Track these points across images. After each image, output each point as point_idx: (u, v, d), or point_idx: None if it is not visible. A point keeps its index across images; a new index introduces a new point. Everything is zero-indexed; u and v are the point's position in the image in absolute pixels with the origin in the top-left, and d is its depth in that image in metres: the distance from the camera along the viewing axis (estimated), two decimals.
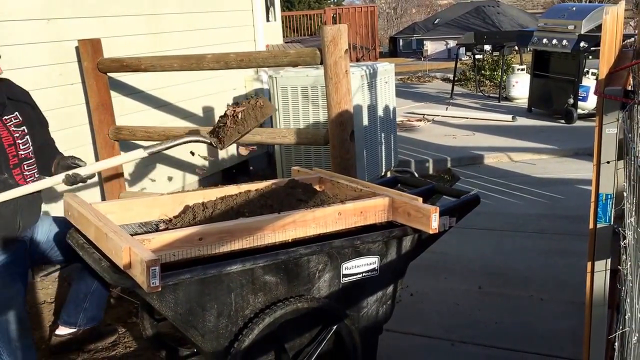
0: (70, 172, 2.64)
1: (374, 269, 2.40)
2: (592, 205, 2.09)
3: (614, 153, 2.04)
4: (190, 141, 2.62)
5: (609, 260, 2.12)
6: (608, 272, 2.13)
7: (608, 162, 2.03)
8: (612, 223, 2.13)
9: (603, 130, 2.02)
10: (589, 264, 2.14)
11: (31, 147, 2.74)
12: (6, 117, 2.65)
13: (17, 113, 2.71)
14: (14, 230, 2.64)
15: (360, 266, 2.37)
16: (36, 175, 2.75)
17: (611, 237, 2.17)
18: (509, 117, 9.00)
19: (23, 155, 2.69)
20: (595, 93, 2.09)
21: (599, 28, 2.46)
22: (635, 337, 1.58)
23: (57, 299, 3.79)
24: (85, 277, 2.95)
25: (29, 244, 2.78)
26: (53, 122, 4.09)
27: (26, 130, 2.72)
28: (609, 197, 2.05)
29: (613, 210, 2.14)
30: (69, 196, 2.51)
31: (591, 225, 2.12)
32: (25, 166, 2.70)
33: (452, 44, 18.45)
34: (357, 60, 15.57)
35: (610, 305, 2.47)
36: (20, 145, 2.68)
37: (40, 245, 2.81)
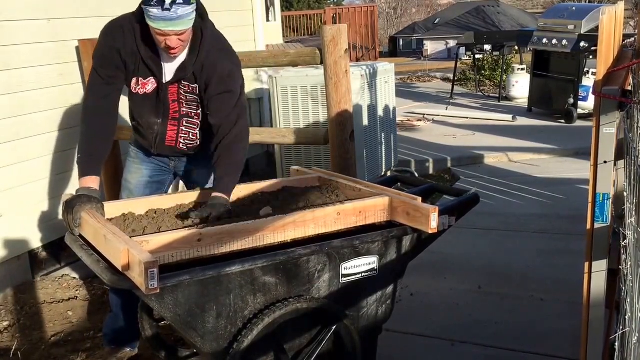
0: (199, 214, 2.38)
1: (373, 269, 2.40)
2: (590, 205, 2.09)
3: (612, 153, 2.04)
4: None
5: (607, 261, 2.12)
6: (606, 272, 2.12)
7: (605, 162, 2.03)
8: (610, 223, 2.13)
9: (601, 130, 2.02)
10: (587, 264, 2.14)
11: (198, 112, 2.80)
12: (185, 82, 2.72)
13: (197, 85, 2.73)
14: (149, 149, 2.95)
15: (359, 266, 2.37)
16: (191, 136, 2.85)
17: (610, 237, 2.17)
18: (509, 117, 9.00)
19: (184, 112, 2.80)
20: (593, 93, 2.09)
21: (599, 28, 2.47)
22: (636, 337, 1.58)
23: (57, 299, 3.79)
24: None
25: (176, 168, 3.05)
26: (53, 122, 4.11)
27: (198, 100, 2.78)
28: (607, 197, 2.05)
29: (611, 210, 2.14)
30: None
31: (588, 226, 2.12)
32: (184, 122, 2.82)
33: (452, 43, 18.44)
34: (357, 60, 15.56)
35: (609, 305, 2.47)
36: (184, 104, 2.77)
37: (192, 178, 3.07)
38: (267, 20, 9.23)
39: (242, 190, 2.70)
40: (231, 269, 2.08)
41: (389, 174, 5.91)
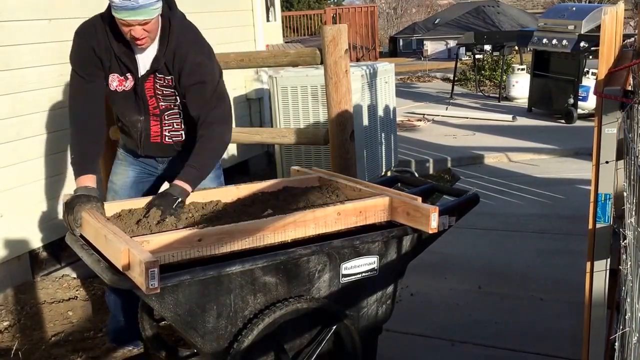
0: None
1: (373, 269, 2.40)
2: (592, 205, 2.09)
3: (613, 153, 2.04)
4: None
5: (608, 260, 2.12)
6: (607, 272, 2.12)
7: (607, 162, 2.03)
8: (611, 223, 2.13)
9: (602, 130, 2.02)
10: (588, 264, 2.14)
11: (177, 104, 2.78)
12: (159, 75, 2.71)
13: (172, 77, 2.71)
14: (136, 150, 2.94)
15: (359, 266, 2.37)
16: (175, 126, 2.83)
17: (611, 237, 2.17)
18: (509, 117, 9.00)
19: (164, 107, 2.78)
20: (594, 93, 2.09)
21: (599, 28, 2.49)
22: (636, 337, 1.58)
23: (57, 299, 3.79)
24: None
25: (164, 170, 3.00)
26: (54, 123, 4.11)
27: (175, 92, 2.75)
28: (608, 197, 2.05)
29: (612, 210, 2.14)
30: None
31: (590, 226, 2.12)
32: (165, 116, 2.81)
33: (452, 44, 18.42)
34: (357, 60, 15.57)
35: (610, 305, 2.47)
36: (161, 98, 2.76)
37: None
38: (267, 20, 9.24)
39: (242, 190, 2.70)
40: (231, 269, 2.07)
41: (389, 174, 5.91)
